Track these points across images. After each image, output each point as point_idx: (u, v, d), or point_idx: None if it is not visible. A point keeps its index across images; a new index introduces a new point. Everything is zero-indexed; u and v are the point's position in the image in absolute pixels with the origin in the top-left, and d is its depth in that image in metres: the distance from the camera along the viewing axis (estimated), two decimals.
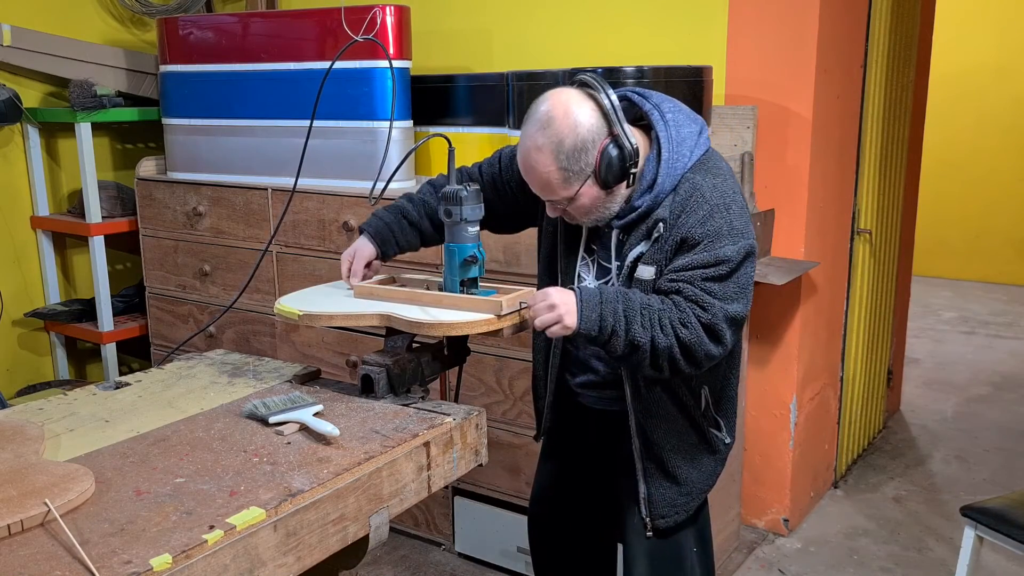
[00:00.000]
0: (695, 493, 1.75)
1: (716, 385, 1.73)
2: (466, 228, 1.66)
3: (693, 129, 1.63)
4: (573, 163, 1.53)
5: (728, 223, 1.55)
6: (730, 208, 1.56)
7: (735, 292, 1.55)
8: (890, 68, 3.20)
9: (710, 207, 1.55)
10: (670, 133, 1.60)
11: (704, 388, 1.71)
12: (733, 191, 1.60)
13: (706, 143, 1.65)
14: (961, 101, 6.26)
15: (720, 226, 1.54)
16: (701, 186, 1.57)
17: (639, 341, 1.51)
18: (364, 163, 2.74)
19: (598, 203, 1.59)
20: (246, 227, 2.97)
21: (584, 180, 1.55)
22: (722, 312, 1.53)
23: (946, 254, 6.49)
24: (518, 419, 2.52)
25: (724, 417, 1.78)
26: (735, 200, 1.59)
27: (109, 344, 3.28)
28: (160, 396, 1.67)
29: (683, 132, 1.61)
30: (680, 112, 1.64)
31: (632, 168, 1.56)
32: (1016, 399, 4.19)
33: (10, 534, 1.14)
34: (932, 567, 2.73)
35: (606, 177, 1.55)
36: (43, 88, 3.31)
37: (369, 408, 1.58)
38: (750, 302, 1.60)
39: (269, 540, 1.20)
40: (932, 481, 3.32)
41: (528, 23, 2.98)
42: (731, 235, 1.54)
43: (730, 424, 1.81)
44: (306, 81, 2.79)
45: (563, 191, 1.57)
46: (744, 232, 1.56)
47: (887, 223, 3.47)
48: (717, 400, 1.75)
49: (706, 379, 1.70)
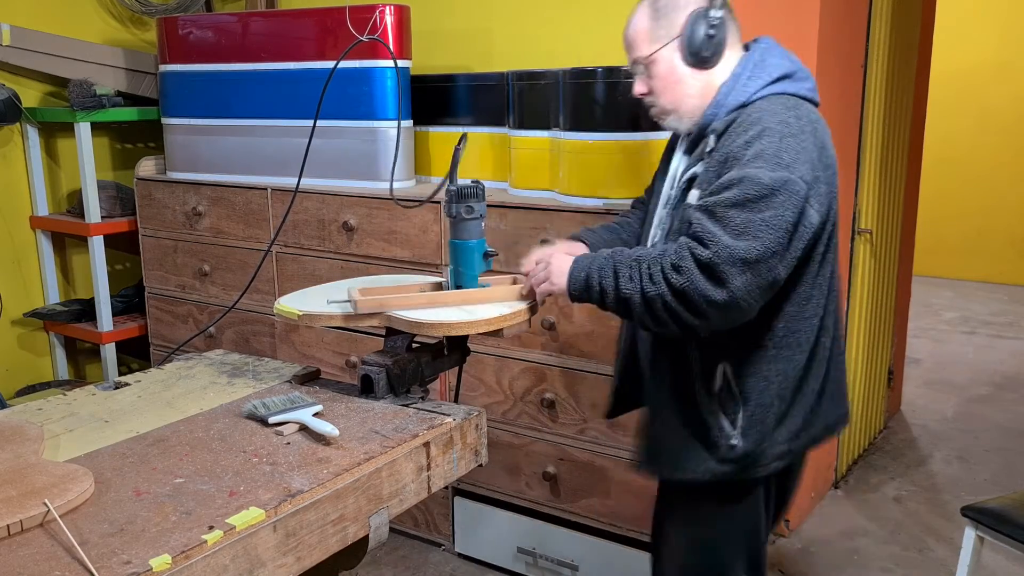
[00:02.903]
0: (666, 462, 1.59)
1: (743, 361, 1.49)
2: (482, 223, 1.68)
3: (783, 65, 1.50)
4: (663, 15, 1.52)
5: (777, 149, 1.37)
6: (785, 137, 1.38)
7: (753, 227, 1.34)
8: (890, 68, 3.20)
9: (763, 128, 1.40)
10: (754, 56, 1.51)
11: (723, 364, 1.49)
12: (798, 128, 1.40)
13: (799, 88, 1.49)
14: (962, 100, 6.26)
15: (765, 148, 1.37)
16: (766, 109, 1.43)
17: (626, 294, 1.44)
18: (364, 163, 2.74)
19: (676, 79, 1.53)
20: (246, 227, 2.97)
21: (668, 41, 1.52)
22: (726, 250, 1.34)
23: (947, 254, 6.49)
24: (518, 419, 2.52)
25: (744, 408, 1.49)
26: (800, 134, 1.40)
27: (108, 344, 3.27)
28: (159, 396, 1.66)
29: (770, 61, 1.50)
30: (777, 52, 1.53)
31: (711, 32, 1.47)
32: (1017, 399, 4.19)
33: (9, 534, 1.14)
34: (933, 567, 2.73)
35: (689, 44, 1.49)
36: (42, 88, 3.31)
37: (369, 408, 1.58)
38: (782, 248, 1.35)
39: (269, 540, 1.20)
40: (933, 481, 3.32)
41: (528, 23, 2.98)
42: (774, 161, 1.36)
43: (755, 423, 1.49)
44: (306, 81, 2.79)
45: (645, 46, 1.54)
46: (792, 165, 1.36)
47: (887, 223, 3.47)
48: (741, 382, 1.49)
49: (727, 351, 1.49)
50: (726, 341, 1.48)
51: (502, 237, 2.43)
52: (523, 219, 2.41)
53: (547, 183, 2.49)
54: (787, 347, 1.50)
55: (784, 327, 1.49)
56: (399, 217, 2.62)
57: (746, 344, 1.49)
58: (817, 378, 1.55)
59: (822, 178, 1.42)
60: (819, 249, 1.48)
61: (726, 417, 1.51)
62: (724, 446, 1.51)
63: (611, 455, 2.36)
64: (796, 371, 1.51)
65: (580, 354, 2.37)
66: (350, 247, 2.73)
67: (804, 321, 1.50)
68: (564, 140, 2.38)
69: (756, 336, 1.48)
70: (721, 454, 1.52)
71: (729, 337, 1.47)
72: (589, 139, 2.33)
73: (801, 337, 1.50)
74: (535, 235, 2.35)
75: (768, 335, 1.48)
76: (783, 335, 1.49)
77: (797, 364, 1.51)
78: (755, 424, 1.50)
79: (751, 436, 1.51)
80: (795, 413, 1.53)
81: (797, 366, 1.51)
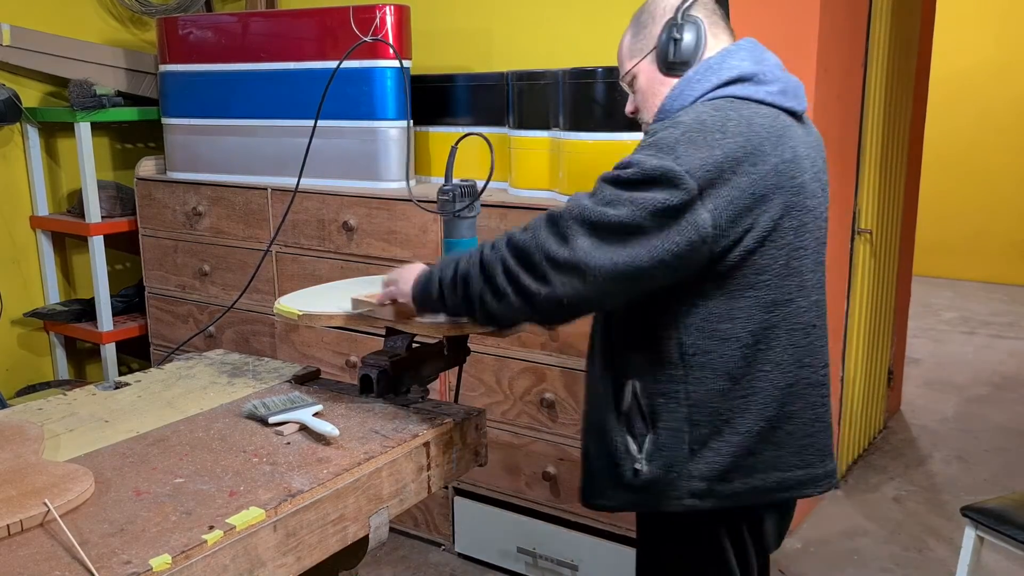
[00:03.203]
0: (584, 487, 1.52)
1: (652, 379, 1.40)
2: (475, 222, 1.69)
3: (742, 67, 1.41)
4: (641, 28, 1.51)
5: (674, 140, 1.30)
6: (689, 131, 1.30)
7: (617, 201, 1.28)
8: (890, 68, 3.20)
9: (674, 122, 1.34)
10: (713, 58, 1.44)
11: (633, 381, 1.41)
12: (715, 126, 1.31)
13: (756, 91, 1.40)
14: (961, 100, 6.26)
15: (663, 139, 1.31)
16: (695, 109, 1.37)
17: (462, 270, 1.38)
18: (364, 163, 2.74)
19: (654, 90, 1.50)
20: (246, 227, 2.97)
21: (645, 54, 1.50)
22: (578, 207, 1.28)
23: (947, 254, 6.49)
24: (518, 419, 2.52)
25: (653, 431, 1.40)
26: (705, 131, 1.30)
27: (108, 344, 3.27)
28: (160, 396, 1.66)
29: (728, 63, 1.42)
30: (749, 51, 1.44)
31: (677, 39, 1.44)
32: (1017, 399, 4.19)
33: (9, 534, 1.14)
34: (932, 567, 2.73)
35: (661, 53, 1.46)
36: (43, 88, 3.31)
37: (369, 408, 1.58)
38: (639, 228, 1.27)
39: (269, 540, 1.20)
40: (932, 481, 3.32)
41: (528, 23, 2.98)
42: (665, 151, 1.29)
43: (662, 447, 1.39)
44: (306, 81, 2.79)
45: (628, 62, 1.53)
46: (680, 157, 1.27)
47: (887, 223, 3.47)
48: (650, 402, 1.40)
49: (636, 366, 1.41)
50: (635, 356, 1.41)
51: None
52: (523, 219, 2.41)
53: (547, 183, 2.49)
54: (697, 367, 1.38)
55: (693, 343, 1.37)
56: (399, 217, 2.62)
57: (655, 360, 1.39)
58: (756, 417, 1.40)
59: (736, 183, 1.30)
60: (736, 263, 1.34)
61: (633, 440, 1.42)
62: (629, 471, 1.42)
63: None
64: (712, 398, 1.38)
65: (580, 354, 2.37)
66: (350, 247, 2.73)
67: (720, 342, 1.37)
68: (564, 140, 2.38)
69: (665, 351, 1.39)
70: (627, 479, 1.43)
71: (638, 351, 1.41)
72: (589, 139, 2.33)
73: (715, 359, 1.37)
74: None
75: (676, 351, 1.38)
76: (692, 352, 1.37)
77: (712, 390, 1.38)
78: (661, 449, 1.40)
79: (656, 461, 1.40)
80: (720, 449, 1.40)
81: (713, 393, 1.38)
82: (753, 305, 1.37)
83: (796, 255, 1.40)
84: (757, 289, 1.37)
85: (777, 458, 1.43)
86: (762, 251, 1.35)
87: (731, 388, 1.38)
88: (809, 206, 1.41)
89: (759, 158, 1.32)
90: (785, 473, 1.44)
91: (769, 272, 1.37)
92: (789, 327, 1.41)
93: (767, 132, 1.35)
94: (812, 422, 1.46)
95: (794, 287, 1.41)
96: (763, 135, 1.34)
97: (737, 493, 1.42)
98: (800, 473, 1.45)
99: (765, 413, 1.40)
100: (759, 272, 1.36)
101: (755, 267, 1.36)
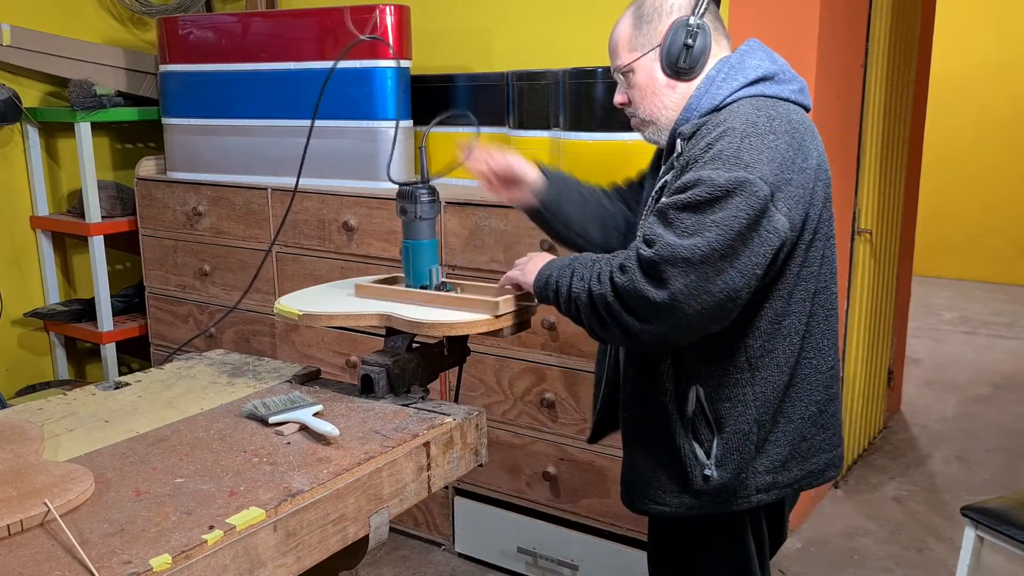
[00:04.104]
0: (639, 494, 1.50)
1: (717, 384, 1.40)
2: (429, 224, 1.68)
3: (763, 67, 1.42)
4: (644, 22, 1.47)
5: (736, 149, 1.28)
6: (747, 137, 1.29)
7: (702, 228, 1.25)
8: (890, 68, 3.20)
9: (725, 128, 1.32)
10: (732, 58, 1.44)
11: (696, 386, 1.41)
12: (766, 127, 1.31)
13: (781, 90, 1.41)
14: (961, 100, 6.26)
15: (725, 148, 1.29)
16: (735, 111, 1.35)
17: (575, 292, 1.38)
18: (364, 163, 2.74)
19: (654, 90, 1.48)
20: (246, 227, 2.97)
21: (648, 50, 1.47)
22: (667, 248, 1.25)
23: (947, 254, 6.49)
24: (518, 419, 2.52)
25: (719, 436, 1.40)
26: (768, 133, 1.31)
27: (109, 344, 3.27)
28: (160, 396, 1.66)
29: (748, 63, 1.42)
30: (758, 53, 1.45)
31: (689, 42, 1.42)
32: (1017, 399, 4.19)
33: (9, 534, 1.14)
34: (932, 567, 2.73)
35: (668, 54, 1.44)
36: (43, 88, 3.31)
37: (369, 408, 1.58)
38: (731, 250, 1.25)
39: (269, 540, 1.20)
40: (932, 481, 3.32)
41: (528, 23, 2.98)
42: (731, 161, 1.28)
43: (732, 452, 1.40)
44: (306, 81, 2.79)
45: (625, 54, 1.49)
46: (750, 165, 1.27)
47: (887, 223, 3.47)
48: (716, 407, 1.41)
49: (700, 372, 1.41)
50: (699, 362, 1.40)
51: (502, 237, 2.43)
52: (523, 219, 2.39)
53: None
54: (764, 367, 1.39)
55: (760, 346, 1.39)
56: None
57: (720, 365, 1.39)
58: (808, 403, 1.45)
59: (796, 181, 1.32)
60: (797, 259, 1.39)
61: (700, 445, 1.42)
62: (698, 477, 1.42)
63: (611, 455, 2.36)
64: (776, 394, 1.41)
65: (580, 354, 2.37)
66: (350, 247, 2.73)
67: (782, 339, 1.40)
68: (564, 140, 2.38)
69: (730, 356, 1.39)
70: (695, 486, 1.42)
71: (701, 357, 1.40)
72: (589, 139, 2.33)
73: (779, 357, 1.40)
74: (535, 235, 2.35)
75: (743, 355, 1.39)
76: (759, 354, 1.39)
77: (777, 386, 1.41)
78: (731, 453, 1.40)
79: (728, 466, 1.40)
80: (779, 440, 1.43)
81: (777, 388, 1.41)
82: (805, 297, 1.42)
83: (829, 244, 1.46)
84: (807, 281, 1.42)
85: (824, 440, 1.49)
86: (812, 244, 1.41)
87: (789, 381, 1.43)
88: (831, 196, 1.48)
89: (806, 154, 1.36)
90: (829, 453, 1.51)
91: (815, 263, 1.42)
92: (826, 314, 1.47)
93: (804, 128, 1.38)
94: (840, 406, 1.55)
95: (828, 274, 1.47)
96: (802, 131, 1.37)
97: (796, 480, 1.47)
98: (834, 453, 1.53)
99: (814, 397, 1.45)
100: (809, 264, 1.41)
101: (807, 260, 1.41)
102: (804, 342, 1.43)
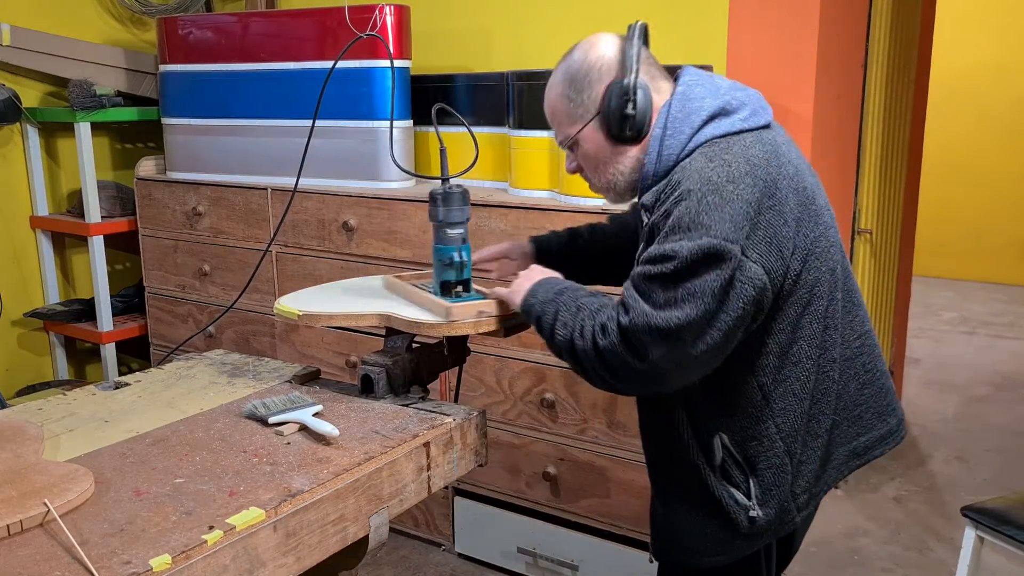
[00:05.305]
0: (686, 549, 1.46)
1: (739, 427, 1.38)
2: (446, 230, 1.64)
3: (707, 104, 1.36)
4: (578, 93, 1.41)
5: (694, 213, 1.26)
6: (704, 197, 1.26)
7: (676, 298, 1.25)
8: (890, 68, 3.20)
9: (682, 192, 1.29)
10: (673, 106, 1.37)
11: (719, 435, 1.38)
12: (723, 178, 1.28)
13: (732, 124, 1.36)
14: (961, 101, 6.26)
15: (682, 216, 1.27)
16: (688, 169, 1.31)
17: (558, 338, 1.36)
18: (364, 163, 2.74)
19: (605, 158, 1.43)
20: (246, 227, 2.97)
21: (588, 120, 1.42)
22: (644, 320, 1.25)
23: (947, 254, 6.49)
24: (518, 419, 2.52)
25: (754, 475, 1.37)
26: (718, 188, 1.27)
27: (108, 344, 3.27)
28: (159, 396, 1.66)
29: (691, 107, 1.36)
30: (703, 85, 1.39)
31: (629, 111, 1.37)
32: (1017, 399, 4.19)
33: (9, 534, 1.14)
34: (933, 567, 2.73)
35: (610, 119, 1.39)
36: (42, 88, 3.31)
37: (369, 408, 1.58)
38: (708, 314, 1.24)
39: (269, 540, 1.20)
40: (933, 481, 3.32)
41: (528, 23, 2.98)
42: (692, 228, 1.25)
43: (771, 487, 1.37)
44: (306, 81, 2.79)
45: (568, 126, 1.44)
46: (711, 228, 1.24)
47: (887, 223, 3.47)
48: (744, 449, 1.38)
49: (719, 421, 1.38)
50: (714, 412, 1.38)
51: (502, 237, 2.42)
52: (523, 219, 2.41)
53: (547, 183, 2.49)
54: (779, 398, 1.37)
55: (772, 379, 1.36)
56: (399, 217, 2.62)
57: (737, 408, 1.37)
58: (830, 414, 1.43)
59: (764, 221, 1.28)
60: (798, 293, 1.34)
61: (736, 489, 1.39)
62: (744, 521, 1.38)
63: (611, 455, 2.36)
64: (800, 420, 1.38)
65: None
66: (350, 247, 2.73)
67: (794, 366, 1.37)
68: None
69: (745, 397, 1.36)
70: (743, 530, 1.39)
71: (717, 407, 1.37)
72: None
73: (794, 384, 1.37)
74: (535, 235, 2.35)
75: (757, 393, 1.36)
76: (773, 387, 1.36)
77: (799, 414, 1.38)
78: (770, 489, 1.38)
79: (771, 503, 1.38)
80: (807, 458, 1.41)
81: (800, 416, 1.38)
82: (812, 320, 1.38)
83: (829, 255, 1.40)
84: (812, 304, 1.37)
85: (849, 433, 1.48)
86: (807, 267, 1.35)
87: (812, 403, 1.40)
88: (820, 204, 1.41)
89: (772, 188, 1.31)
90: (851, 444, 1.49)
91: (818, 284, 1.38)
92: (847, 318, 1.45)
93: (764, 159, 1.32)
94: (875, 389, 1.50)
95: (836, 282, 1.42)
96: (763, 164, 1.32)
97: (827, 484, 1.47)
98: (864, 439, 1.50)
99: (836, 407, 1.44)
100: (810, 287, 1.36)
101: (806, 284, 1.36)
102: (822, 357, 1.40)
